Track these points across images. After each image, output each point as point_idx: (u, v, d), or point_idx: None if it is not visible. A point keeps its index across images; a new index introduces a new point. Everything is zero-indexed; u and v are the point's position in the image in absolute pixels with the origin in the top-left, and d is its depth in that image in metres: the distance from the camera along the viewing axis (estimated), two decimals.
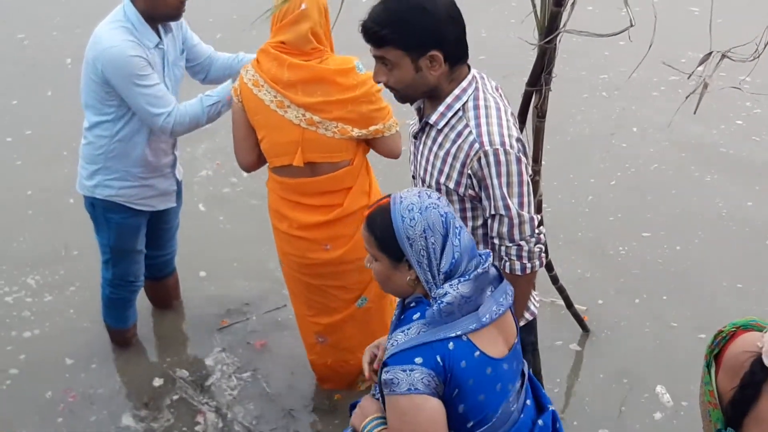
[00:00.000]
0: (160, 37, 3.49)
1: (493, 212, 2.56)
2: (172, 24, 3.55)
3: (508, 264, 2.62)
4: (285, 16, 3.17)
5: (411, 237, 2.20)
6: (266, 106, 3.22)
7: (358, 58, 3.24)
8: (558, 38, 3.01)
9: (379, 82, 2.62)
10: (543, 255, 2.64)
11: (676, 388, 3.84)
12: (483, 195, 2.57)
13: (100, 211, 3.72)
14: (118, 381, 3.95)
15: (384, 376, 2.20)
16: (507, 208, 2.54)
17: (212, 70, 3.81)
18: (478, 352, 2.22)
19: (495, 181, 2.52)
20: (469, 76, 2.61)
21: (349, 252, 3.39)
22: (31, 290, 4.44)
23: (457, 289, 2.19)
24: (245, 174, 5.22)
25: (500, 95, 2.70)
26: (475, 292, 2.23)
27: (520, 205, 2.55)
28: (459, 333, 2.19)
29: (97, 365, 4.02)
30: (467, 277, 2.22)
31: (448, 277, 2.22)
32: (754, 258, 4.64)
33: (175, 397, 3.84)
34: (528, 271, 2.63)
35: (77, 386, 3.90)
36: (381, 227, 2.24)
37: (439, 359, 2.17)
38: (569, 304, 4.04)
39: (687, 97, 2.89)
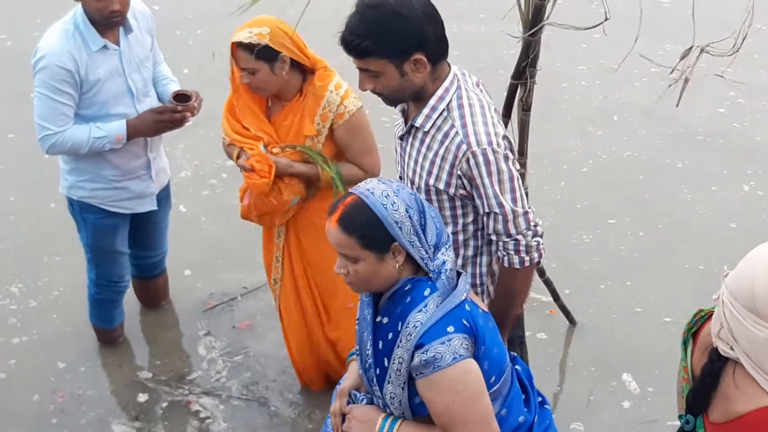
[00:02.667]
0: (119, 39, 3.49)
1: (487, 210, 2.59)
2: (135, 23, 3.54)
3: (506, 258, 2.64)
4: None
5: (398, 220, 2.23)
6: None
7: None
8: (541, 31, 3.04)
9: (365, 90, 2.62)
10: (541, 247, 2.66)
11: (643, 374, 3.91)
12: (475, 194, 2.59)
13: (77, 211, 3.75)
14: (107, 386, 3.97)
15: (424, 357, 2.21)
16: (500, 205, 2.56)
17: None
18: (480, 309, 2.32)
19: (486, 181, 2.54)
20: (450, 75, 2.62)
21: None
22: (15, 298, 4.43)
23: (449, 255, 2.29)
24: (224, 175, 5.29)
25: (481, 90, 2.71)
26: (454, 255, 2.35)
27: (513, 200, 2.57)
28: (465, 295, 2.28)
29: (85, 369, 4.03)
30: (449, 242, 2.33)
31: (437, 247, 2.30)
32: (716, 240, 4.72)
33: (165, 405, 3.86)
34: (526, 264, 2.64)
35: (65, 389, 3.91)
36: (363, 223, 2.24)
37: (465, 322, 2.24)
38: (556, 297, 4.08)
39: (669, 87, 2.94)
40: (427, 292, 2.26)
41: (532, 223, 2.62)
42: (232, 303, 4.39)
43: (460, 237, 2.72)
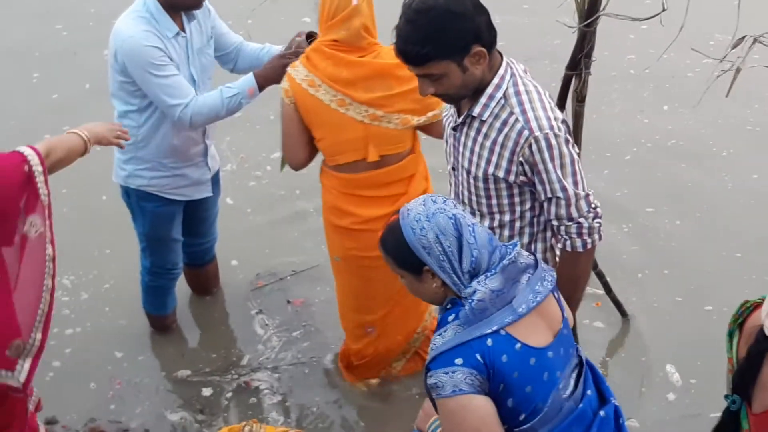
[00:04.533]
0: (183, 25, 3.51)
1: (549, 195, 2.60)
2: (198, 12, 3.55)
3: (569, 242, 2.66)
4: (335, 13, 3.17)
5: (426, 246, 2.22)
6: (326, 105, 3.24)
7: None
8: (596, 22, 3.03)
9: (425, 95, 2.62)
10: (602, 229, 2.68)
11: (686, 365, 3.88)
12: (536, 180, 2.60)
13: (135, 200, 3.77)
14: (164, 375, 4.03)
15: (428, 381, 2.23)
16: (564, 189, 2.58)
17: (240, 61, 3.81)
18: (519, 344, 2.22)
19: (549, 166, 2.55)
20: (504, 63, 2.62)
21: None
22: (67, 290, 4.49)
23: (486, 284, 2.21)
24: (269, 167, 5.33)
25: (529, 78, 2.70)
26: (506, 285, 2.23)
27: (575, 184, 2.59)
28: (495, 328, 2.20)
29: (144, 358, 4.11)
30: (494, 270, 2.23)
31: (474, 274, 2.24)
32: (755, 228, 4.66)
33: (229, 395, 3.90)
34: (589, 246, 2.66)
35: (122, 377, 3.99)
36: (394, 245, 2.28)
37: (479, 357, 2.18)
38: (608, 290, 4.05)
39: (717, 77, 2.91)
40: (451, 317, 2.25)
41: (592, 205, 2.64)
42: (282, 284, 4.45)
43: (517, 224, 2.74)
